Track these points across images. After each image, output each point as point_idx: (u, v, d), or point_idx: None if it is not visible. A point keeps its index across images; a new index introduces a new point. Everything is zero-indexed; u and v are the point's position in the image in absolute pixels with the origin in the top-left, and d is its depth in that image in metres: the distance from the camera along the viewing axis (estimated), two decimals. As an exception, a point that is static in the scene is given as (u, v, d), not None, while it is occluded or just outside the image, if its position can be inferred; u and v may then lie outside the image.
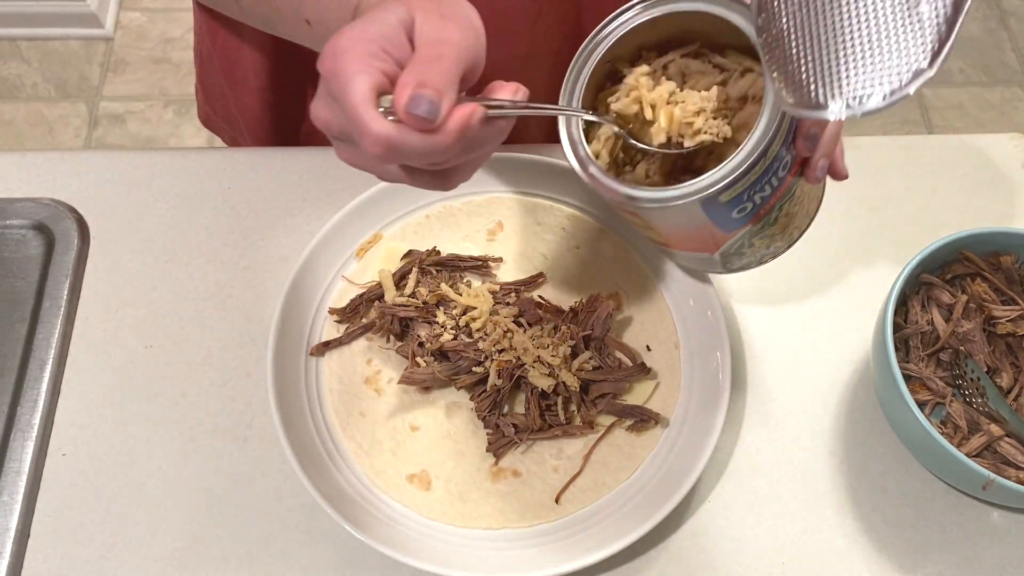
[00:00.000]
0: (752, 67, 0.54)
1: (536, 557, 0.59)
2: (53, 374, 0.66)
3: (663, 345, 0.68)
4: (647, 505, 0.60)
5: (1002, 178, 0.77)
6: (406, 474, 0.63)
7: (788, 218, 0.57)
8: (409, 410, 0.65)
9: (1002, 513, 0.63)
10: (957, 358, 0.64)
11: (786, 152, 0.51)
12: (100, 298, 0.70)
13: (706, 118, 0.53)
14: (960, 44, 2.10)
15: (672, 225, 0.56)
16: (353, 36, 0.44)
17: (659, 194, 0.51)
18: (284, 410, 0.61)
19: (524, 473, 0.63)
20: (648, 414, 0.64)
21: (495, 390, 0.63)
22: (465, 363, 0.64)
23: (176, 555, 0.61)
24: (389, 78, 0.43)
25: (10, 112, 1.91)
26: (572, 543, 0.60)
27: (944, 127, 1.99)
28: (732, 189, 0.50)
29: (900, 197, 0.76)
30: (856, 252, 0.73)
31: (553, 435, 0.64)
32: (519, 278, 0.70)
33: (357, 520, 0.59)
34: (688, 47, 0.57)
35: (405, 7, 0.46)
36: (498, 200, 0.73)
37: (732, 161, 0.49)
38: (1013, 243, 0.65)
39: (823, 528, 0.62)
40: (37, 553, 0.61)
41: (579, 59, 0.55)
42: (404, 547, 0.58)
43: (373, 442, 0.64)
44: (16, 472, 0.63)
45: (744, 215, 0.53)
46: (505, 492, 0.63)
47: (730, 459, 0.65)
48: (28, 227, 0.73)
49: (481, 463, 0.64)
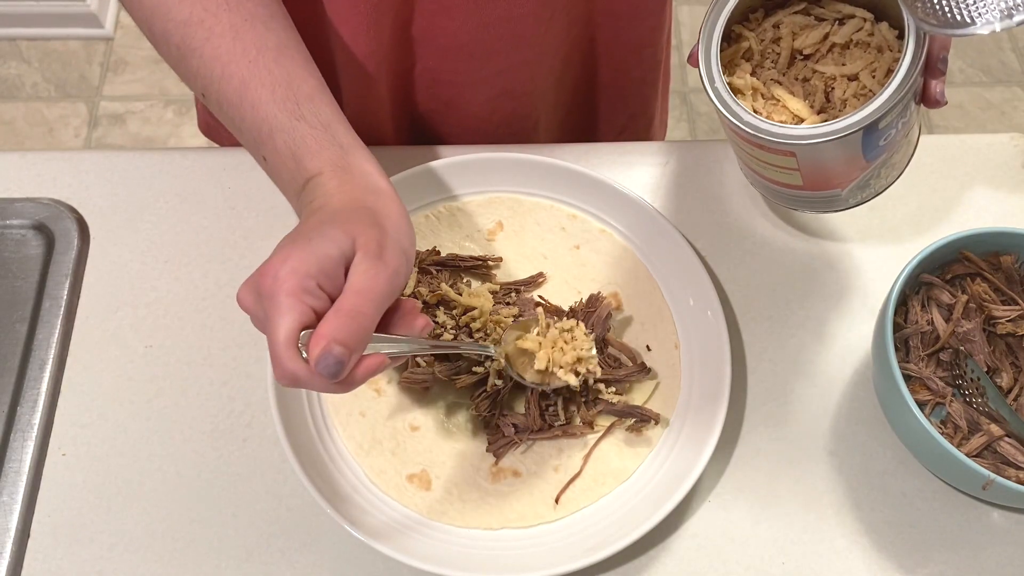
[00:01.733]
0: (854, 13, 0.60)
1: (536, 557, 0.59)
2: (53, 374, 0.66)
3: (663, 345, 0.68)
4: (647, 505, 0.60)
5: (1002, 178, 0.77)
6: (406, 474, 0.63)
7: (908, 145, 0.61)
8: (409, 410, 0.65)
9: (1002, 513, 0.63)
10: (957, 358, 0.64)
11: (920, 77, 0.55)
12: (100, 298, 0.70)
13: (572, 368, 0.61)
14: (960, 44, 2.10)
15: (820, 162, 0.58)
16: (295, 267, 0.45)
17: (827, 127, 0.55)
18: (284, 411, 0.61)
19: (524, 473, 0.63)
20: (648, 414, 0.64)
21: (495, 390, 0.63)
22: (465, 363, 0.64)
23: (176, 555, 0.61)
24: (317, 314, 0.46)
25: (10, 112, 1.91)
26: (572, 543, 0.60)
27: (944, 127, 1.99)
28: (890, 114, 0.54)
29: (900, 197, 0.76)
30: (856, 252, 0.73)
31: (553, 435, 0.64)
32: (519, 278, 0.70)
33: (357, 520, 0.59)
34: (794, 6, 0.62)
35: (350, 240, 0.47)
36: (498, 200, 0.73)
37: (891, 86, 0.53)
38: (1013, 243, 0.65)
39: (823, 528, 0.62)
40: (37, 553, 0.61)
41: (707, 21, 0.59)
42: (404, 547, 0.58)
43: (373, 442, 0.64)
44: (16, 472, 0.63)
45: (887, 142, 0.57)
46: (505, 492, 0.63)
47: (730, 459, 0.65)
48: (28, 227, 0.73)
49: (481, 463, 0.64)
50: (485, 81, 0.76)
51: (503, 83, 0.76)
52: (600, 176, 0.71)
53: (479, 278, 0.70)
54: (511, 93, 0.78)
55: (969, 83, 2.06)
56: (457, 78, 0.76)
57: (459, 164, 0.72)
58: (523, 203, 0.73)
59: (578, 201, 0.73)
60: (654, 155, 0.77)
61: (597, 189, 0.71)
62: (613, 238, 0.72)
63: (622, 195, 0.71)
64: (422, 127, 0.81)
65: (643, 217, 0.70)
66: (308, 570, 0.60)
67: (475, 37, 0.71)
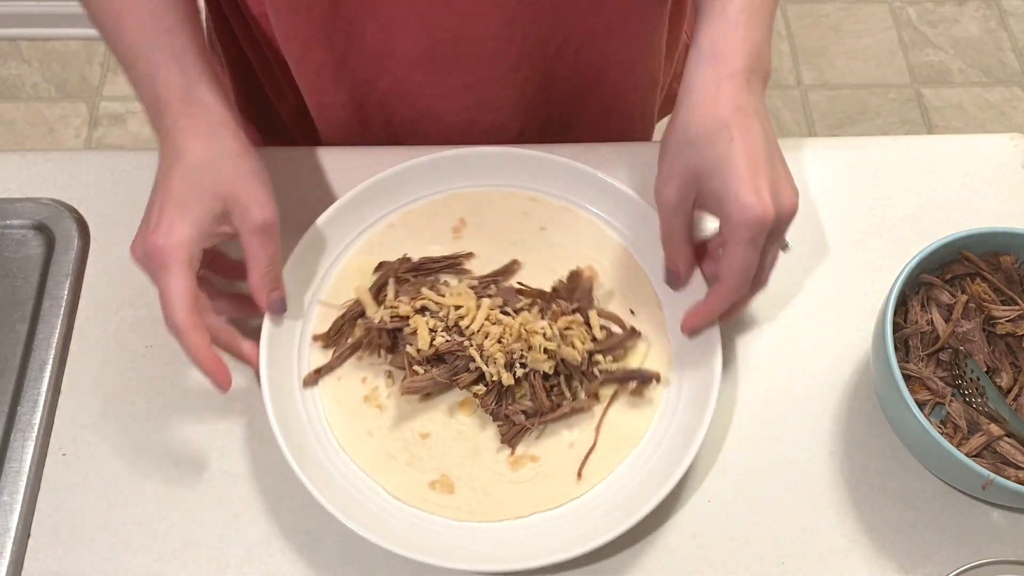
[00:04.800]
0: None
1: (572, 533, 0.60)
2: (53, 374, 0.66)
3: (646, 307, 0.69)
4: (666, 463, 0.61)
5: (1002, 178, 0.77)
6: (427, 482, 0.63)
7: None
8: (414, 419, 0.65)
9: (1002, 513, 0.63)
10: (957, 358, 0.64)
11: None
12: (100, 298, 0.70)
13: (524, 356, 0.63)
14: (960, 44, 2.10)
15: None
16: (181, 240, 0.58)
17: None
18: (296, 450, 0.60)
19: (542, 456, 0.64)
20: (648, 374, 0.65)
21: (496, 382, 0.64)
22: (462, 362, 0.64)
23: (176, 555, 0.61)
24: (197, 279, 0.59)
25: (10, 112, 1.91)
26: (603, 512, 0.61)
27: (944, 127, 1.99)
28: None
29: (900, 197, 0.76)
30: (856, 252, 0.73)
31: (562, 414, 0.64)
32: (494, 269, 0.70)
33: (388, 536, 0.58)
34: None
35: (221, 202, 0.59)
36: (456, 196, 0.73)
37: None
38: (1013, 243, 0.65)
39: (823, 528, 0.62)
40: (37, 553, 0.61)
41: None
42: (435, 552, 0.58)
43: (387, 458, 0.63)
44: (16, 472, 0.63)
45: None
46: (528, 478, 0.63)
47: (730, 459, 0.65)
48: (28, 227, 0.73)
49: (498, 455, 0.64)
50: (455, 93, 0.77)
51: (475, 95, 0.77)
52: (552, 156, 0.71)
53: (455, 276, 0.70)
54: (487, 105, 0.78)
55: (969, 83, 2.06)
56: (426, 90, 0.76)
57: (407, 170, 0.71)
58: (480, 195, 0.73)
59: (535, 184, 0.73)
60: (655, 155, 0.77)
61: (550, 169, 0.72)
62: (576, 213, 0.72)
63: (577, 170, 0.71)
64: (405, 134, 0.82)
65: (601, 188, 0.71)
66: (308, 570, 0.60)
67: (432, 52, 0.73)
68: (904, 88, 2.05)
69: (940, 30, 2.14)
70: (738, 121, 0.57)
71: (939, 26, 2.15)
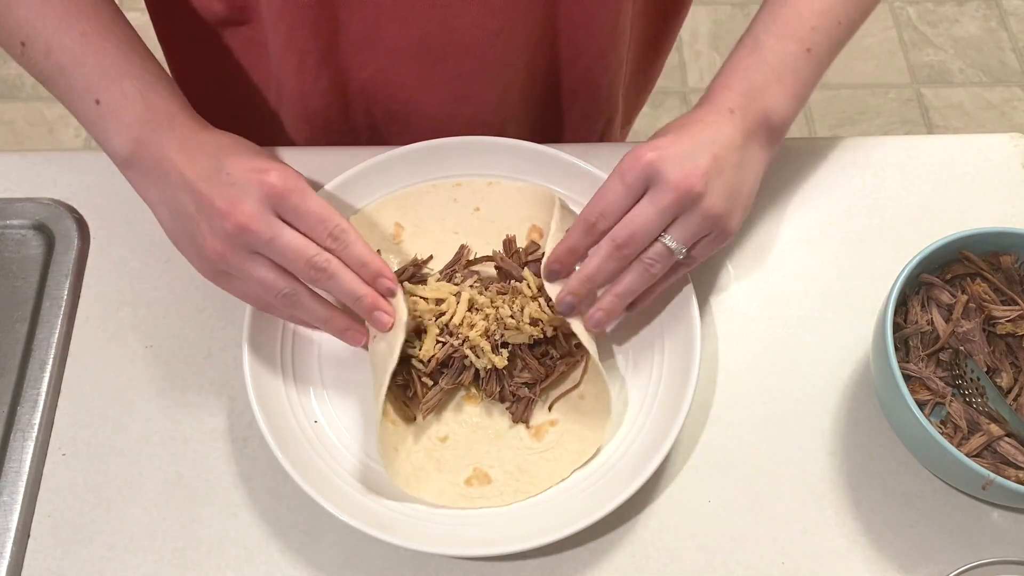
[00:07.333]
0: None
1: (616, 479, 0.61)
2: (53, 374, 0.66)
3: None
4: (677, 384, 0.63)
5: (1002, 178, 0.77)
6: (462, 480, 0.63)
7: None
8: (429, 427, 0.65)
9: (1002, 513, 0.63)
10: (957, 358, 0.64)
11: None
12: (100, 298, 0.70)
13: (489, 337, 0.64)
14: (960, 44, 2.10)
15: None
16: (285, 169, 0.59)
17: None
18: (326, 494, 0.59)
19: (559, 418, 0.65)
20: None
21: (491, 368, 0.64)
22: (458, 363, 0.64)
23: (176, 555, 0.61)
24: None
25: (10, 112, 1.91)
26: (636, 449, 0.62)
27: (944, 127, 1.99)
28: None
29: (900, 197, 0.76)
30: (856, 252, 0.73)
31: (560, 372, 0.66)
32: (447, 262, 0.70)
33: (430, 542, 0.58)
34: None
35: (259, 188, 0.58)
36: (383, 203, 0.72)
37: None
38: (1013, 243, 0.65)
39: (823, 528, 0.62)
40: (37, 553, 0.61)
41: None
42: (493, 542, 0.58)
43: (416, 470, 0.63)
44: (16, 472, 0.63)
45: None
46: (555, 441, 0.64)
47: (730, 459, 0.65)
48: (28, 227, 0.73)
49: (518, 432, 0.65)
50: (437, 86, 0.76)
51: (457, 89, 0.77)
52: (464, 139, 0.72)
53: (418, 283, 0.67)
54: (468, 99, 0.78)
55: (969, 83, 2.06)
56: (409, 81, 0.76)
57: (337, 187, 0.70)
58: (406, 196, 0.72)
59: (455, 171, 0.72)
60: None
61: (464, 151, 0.72)
62: (503, 184, 0.72)
63: (488, 144, 0.72)
64: (386, 126, 0.82)
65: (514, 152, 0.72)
66: (308, 570, 0.60)
67: (417, 44, 0.72)
68: (904, 88, 2.05)
69: (940, 30, 2.14)
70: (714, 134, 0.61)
71: (939, 26, 2.15)
